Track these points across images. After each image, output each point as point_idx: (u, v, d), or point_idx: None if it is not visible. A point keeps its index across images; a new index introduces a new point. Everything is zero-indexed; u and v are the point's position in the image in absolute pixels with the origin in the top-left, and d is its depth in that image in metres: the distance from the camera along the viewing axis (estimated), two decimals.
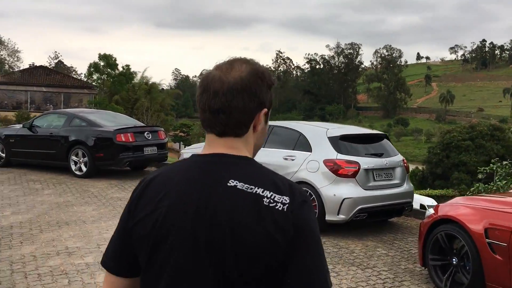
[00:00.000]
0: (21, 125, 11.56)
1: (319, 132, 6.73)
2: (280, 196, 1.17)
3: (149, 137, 10.58)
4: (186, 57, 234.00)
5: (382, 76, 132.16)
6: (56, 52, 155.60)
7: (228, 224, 1.14)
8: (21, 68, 62.72)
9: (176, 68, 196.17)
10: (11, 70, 62.08)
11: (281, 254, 1.14)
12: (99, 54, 64.93)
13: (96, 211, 7.43)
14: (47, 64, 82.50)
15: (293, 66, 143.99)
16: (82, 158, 10.23)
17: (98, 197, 8.39)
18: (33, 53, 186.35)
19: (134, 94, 70.50)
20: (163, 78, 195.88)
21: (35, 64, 70.14)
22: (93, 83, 67.09)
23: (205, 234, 1.15)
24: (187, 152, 9.08)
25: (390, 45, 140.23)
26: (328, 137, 6.57)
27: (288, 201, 1.17)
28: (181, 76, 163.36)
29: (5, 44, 60.17)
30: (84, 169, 10.21)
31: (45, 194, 8.51)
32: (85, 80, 67.72)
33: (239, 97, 1.20)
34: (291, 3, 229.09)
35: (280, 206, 1.16)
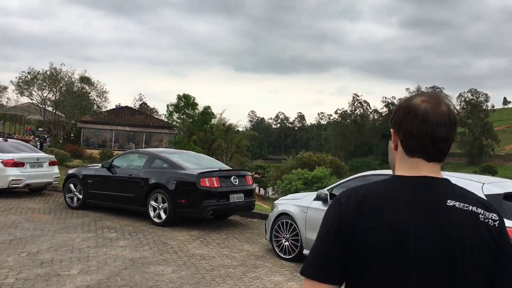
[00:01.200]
0: (100, 165, 10.80)
1: (471, 187, 5.02)
2: (489, 213, 1.36)
3: (235, 182, 9.31)
4: (262, 99, 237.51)
5: (466, 121, 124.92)
6: (140, 94, 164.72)
7: (459, 239, 1.29)
8: (108, 108, 66.14)
9: (251, 110, 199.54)
10: (99, 110, 65.56)
11: (495, 268, 1.32)
12: (178, 95, 67.03)
13: (176, 273, 6.11)
14: (132, 105, 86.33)
15: (370, 110, 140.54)
16: (161, 204, 9.13)
17: (178, 254, 7.11)
18: (120, 95, 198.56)
19: (211, 135, 71.46)
20: (240, 120, 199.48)
21: (121, 105, 73.57)
22: (173, 123, 68.97)
23: (444, 249, 1.28)
24: (283, 203, 7.64)
25: (475, 89, 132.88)
26: (485, 195, 4.82)
27: (497, 218, 1.36)
28: (256, 118, 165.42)
29: (95, 85, 64.02)
30: (163, 216, 9.08)
31: (119, 246, 7.38)
32: (165, 120, 69.70)
33: (454, 129, 1.40)
34: (371, 46, 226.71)
35: (491, 222, 1.34)
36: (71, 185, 10.85)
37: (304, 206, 7.01)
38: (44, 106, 60.82)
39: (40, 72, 59.24)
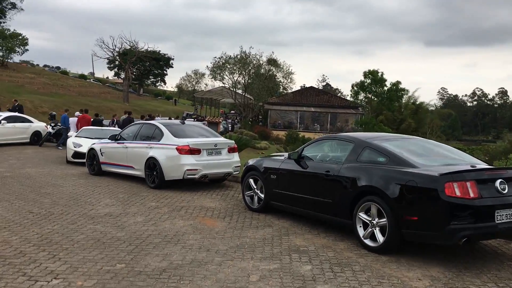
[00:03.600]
0: (285, 155, 8.06)
1: None
2: None
3: (504, 189, 5.53)
4: (455, 75, 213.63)
5: None
6: (323, 75, 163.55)
7: None
8: (293, 90, 65.56)
9: (442, 87, 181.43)
10: (284, 92, 65.39)
11: None
12: (364, 72, 62.53)
13: None
14: (315, 87, 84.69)
15: None
16: (377, 219, 5.91)
17: None
18: (304, 76, 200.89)
19: (399, 115, 65.40)
20: (432, 99, 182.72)
21: (305, 86, 72.57)
22: (359, 102, 64.99)
23: None
24: None
25: None
26: None
27: None
28: (448, 95, 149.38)
29: (281, 67, 63.94)
30: (379, 238, 5.86)
31: None
32: (351, 100, 66.11)
33: None
34: None
35: None
36: (251, 181, 8.40)
37: None
38: (234, 89, 63.10)
39: (231, 56, 61.54)
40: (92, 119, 21.01)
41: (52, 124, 21.46)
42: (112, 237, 6.24)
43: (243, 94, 62.62)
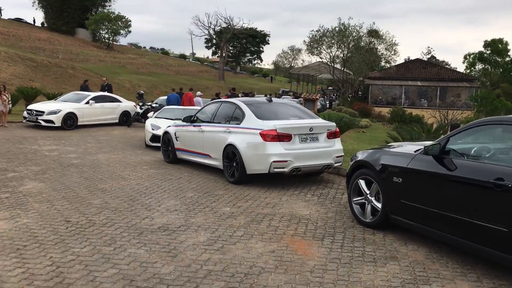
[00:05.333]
0: (415, 149, 5.36)
1: None
2: None
3: None
4: None
5: None
6: (429, 47, 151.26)
7: None
8: (396, 63, 60.23)
9: None
10: (387, 65, 60.36)
11: None
12: (485, 41, 55.31)
13: None
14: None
15: None
16: None
17: None
18: (408, 49, 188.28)
19: None
20: None
21: (410, 58, 66.56)
22: (474, 75, 58.02)
23: None
24: None
25: None
26: None
27: None
28: None
29: (383, 38, 58.93)
30: None
31: None
32: (464, 72, 59.23)
33: None
34: None
35: None
36: (361, 182, 5.87)
37: None
38: (332, 64, 59.63)
39: (329, 29, 57.94)
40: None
41: (140, 104, 20.41)
42: (152, 276, 4.14)
43: (342, 69, 58.97)
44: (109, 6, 74.48)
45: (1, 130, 16.61)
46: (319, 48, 58.81)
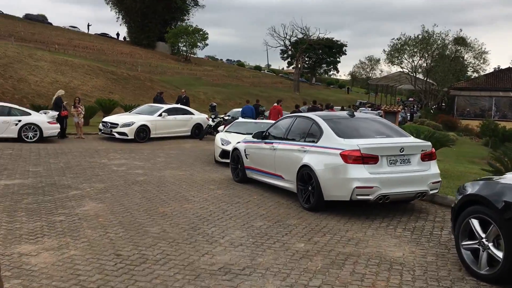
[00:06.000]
0: None
1: None
2: None
3: None
4: None
5: None
6: None
7: None
8: (486, 72, 55.87)
9: None
10: (474, 75, 56.16)
11: None
12: None
13: None
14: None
15: None
16: None
17: None
18: (497, 58, 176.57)
19: None
20: None
21: (500, 67, 61.53)
22: None
23: None
24: None
25: None
26: None
27: None
28: None
29: (471, 46, 54.98)
30: None
31: None
32: None
33: None
34: None
35: None
36: (474, 223, 4.58)
37: None
38: (414, 74, 56.60)
39: (411, 37, 55.13)
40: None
41: (213, 116, 19.98)
42: None
43: (424, 79, 55.83)
44: (188, 19, 76.73)
45: (78, 142, 16.83)
46: (400, 58, 56.19)
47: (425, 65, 56.46)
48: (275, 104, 20.20)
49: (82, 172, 10.15)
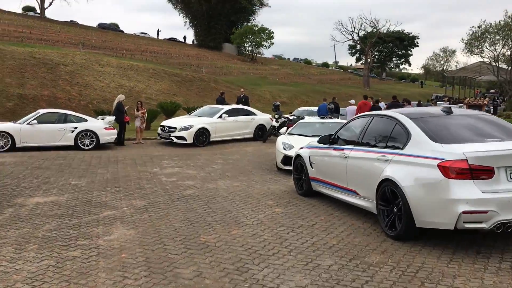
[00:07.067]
0: None
1: None
2: None
3: None
4: None
5: None
6: None
7: None
8: None
9: None
10: None
11: None
12: None
13: None
14: None
15: None
16: None
17: None
18: None
19: None
20: None
21: None
22: None
23: None
24: None
25: None
26: None
27: None
28: None
29: None
30: None
31: None
32: None
33: None
34: None
35: None
36: None
37: None
38: (497, 64, 51.89)
39: (492, 24, 50.52)
40: (378, 106, 16.70)
41: (276, 116, 18.45)
42: None
43: (509, 68, 50.89)
44: (253, 19, 75.93)
45: (136, 148, 16.00)
46: (480, 46, 51.67)
47: (509, 53, 51.53)
48: (364, 99, 18.07)
49: (126, 186, 9.01)
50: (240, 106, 19.42)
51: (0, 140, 14.07)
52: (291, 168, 9.43)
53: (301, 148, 8.47)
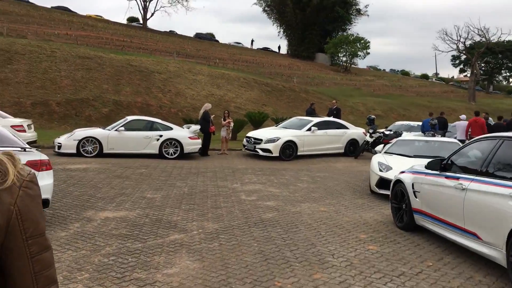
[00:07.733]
0: None
1: None
2: None
3: None
4: None
5: None
6: None
7: None
8: None
9: None
10: None
11: None
12: None
13: None
14: None
15: None
16: None
17: None
18: None
19: None
20: None
21: None
22: None
23: None
24: None
25: None
26: None
27: None
28: None
29: None
30: None
31: None
32: None
33: None
34: None
35: None
36: None
37: None
38: None
39: None
40: (488, 123, 14.80)
41: (371, 131, 16.95)
42: None
43: None
44: (349, 29, 73.98)
45: (220, 159, 15.46)
46: None
47: None
48: (476, 116, 16.02)
49: (201, 203, 8.26)
50: (331, 118, 18.17)
51: (89, 145, 14.21)
52: (387, 192, 8.12)
53: (402, 172, 7.12)
